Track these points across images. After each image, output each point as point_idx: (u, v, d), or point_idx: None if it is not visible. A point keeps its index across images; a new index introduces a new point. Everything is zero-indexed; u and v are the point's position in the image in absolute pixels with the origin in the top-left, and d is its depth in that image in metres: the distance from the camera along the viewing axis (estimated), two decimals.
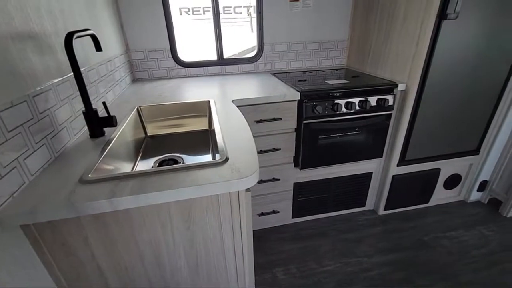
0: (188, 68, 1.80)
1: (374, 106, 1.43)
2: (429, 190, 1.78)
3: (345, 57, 2.00)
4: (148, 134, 1.23)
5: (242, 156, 0.70)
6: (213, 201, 0.65)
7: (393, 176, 1.65)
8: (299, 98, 1.33)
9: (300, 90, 1.34)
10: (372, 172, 1.69)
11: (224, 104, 1.19)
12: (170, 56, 1.74)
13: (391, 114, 1.49)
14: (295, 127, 1.41)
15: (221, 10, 1.80)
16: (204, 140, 1.18)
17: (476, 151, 1.70)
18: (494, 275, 1.36)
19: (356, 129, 1.47)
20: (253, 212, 1.61)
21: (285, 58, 1.92)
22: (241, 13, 3.96)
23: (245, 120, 0.96)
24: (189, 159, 1.05)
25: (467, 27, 1.30)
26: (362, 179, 1.69)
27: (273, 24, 1.80)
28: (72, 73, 0.86)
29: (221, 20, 1.78)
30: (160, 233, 0.66)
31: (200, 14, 3.95)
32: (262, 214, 1.63)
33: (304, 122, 1.37)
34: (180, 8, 4.04)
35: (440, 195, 1.84)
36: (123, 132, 0.95)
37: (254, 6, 1.78)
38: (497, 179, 1.77)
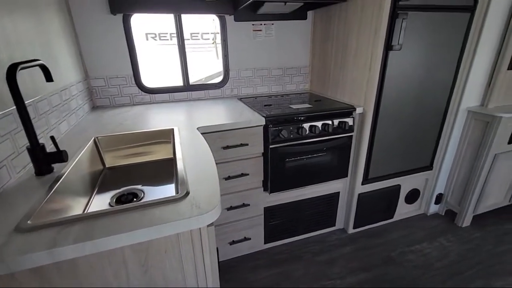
0: (153, 94, 1.77)
1: (336, 128, 1.50)
2: (393, 205, 1.87)
3: (308, 82, 2.11)
4: (107, 166, 1.16)
5: (204, 189, 0.68)
6: (172, 240, 0.61)
7: (359, 194, 1.72)
8: (264, 123, 1.35)
9: (265, 115, 1.37)
10: (339, 192, 1.73)
11: (189, 131, 1.16)
12: (134, 82, 1.70)
13: (352, 135, 1.57)
14: (262, 151, 1.42)
15: (188, 36, 1.82)
16: (168, 169, 1.13)
17: (429, 167, 1.85)
18: (458, 284, 1.42)
19: (321, 151, 1.53)
20: (224, 241, 1.55)
21: (251, 83, 1.98)
22: (208, 39, 4.06)
23: (209, 149, 0.94)
24: (151, 191, 0.99)
25: (410, 56, 1.45)
26: (331, 199, 1.73)
27: (238, 51, 1.85)
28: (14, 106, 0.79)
29: (190, 46, 1.80)
30: (113, 281, 0.60)
31: (167, 39, 3.99)
32: (233, 242, 1.57)
33: (271, 146, 1.39)
34: (146, 34, 4.04)
35: (403, 210, 1.93)
36: (75, 167, 0.88)
37: (215, 33, 1.84)
38: (450, 192, 1.92)
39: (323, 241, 1.76)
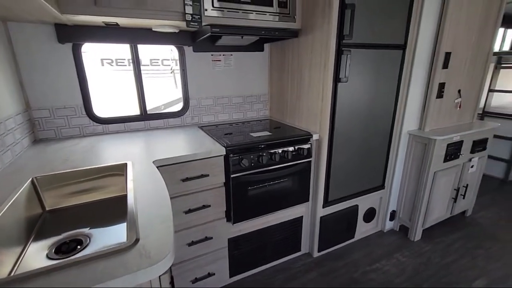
0: (106, 125, 1.67)
1: (295, 155, 1.56)
2: (353, 225, 1.95)
3: (268, 108, 2.19)
4: (47, 209, 1.03)
5: (156, 233, 0.64)
6: None
7: (321, 217, 1.76)
8: (225, 153, 1.34)
9: (225, 145, 1.37)
10: (302, 216, 1.76)
11: (144, 166, 1.11)
12: (84, 112, 1.59)
13: (310, 161, 1.64)
14: (224, 181, 1.40)
15: (148, 62, 1.79)
16: (121, 207, 1.05)
17: (382, 186, 1.99)
18: None
19: (283, 177, 1.56)
20: (185, 279, 1.44)
21: (212, 111, 1.99)
22: (169, 65, 4.04)
23: (164, 186, 0.90)
24: (100, 234, 0.90)
25: (357, 87, 1.61)
26: (295, 224, 1.75)
27: (198, 81, 1.87)
28: None
29: (149, 72, 1.76)
30: None
31: (125, 65, 3.87)
32: (196, 280, 1.47)
33: (232, 176, 1.38)
34: (102, 59, 3.88)
35: (362, 229, 2.02)
36: (5, 214, 0.77)
37: (176, 60, 1.84)
38: (401, 208, 2.07)
39: (289, 268, 1.74)
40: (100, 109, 1.67)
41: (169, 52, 1.95)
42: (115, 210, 1.04)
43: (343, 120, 1.63)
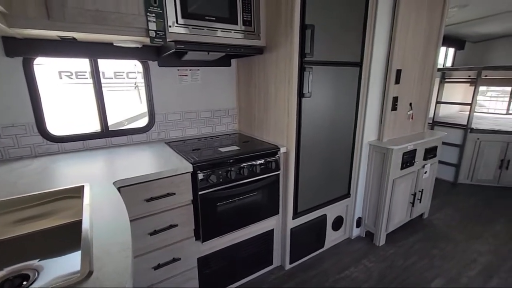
0: (62, 143, 1.55)
1: (263, 168, 1.58)
2: (322, 235, 2.00)
3: (236, 122, 2.21)
4: None
5: (113, 261, 0.60)
6: None
7: (291, 229, 1.79)
8: (192, 170, 1.32)
9: (192, 161, 1.34)
10: (273, 229, 1.77)
11: (103, 188, 1.04)
12: (36, 130, 1.47)
13: (279, 174, 1.67)
14: (192, 198, 1.37)
15: (111, 75, 1.71)
16: (77, 233, 0.97)
17: (348, 195, 2.08)
18: None
19: (252, 191, 1.56)
20: None
21: (180, 126, 1.95)
22: (136, 78, 3.91)
23: (124, 210, 0.85)
24: (52, 266, 0.82)
25: (320, 101, 1.69)
26: (266, 237, 1.75)
27: (164, 96, 1.83)
28: None
29: (113, 85, 1.69)
30: None
31: (86, 78, 3.67)
32: None
33: (200, 193, 1.35)
34: (60, 72, 3.64)
35: (332, 237, 2.08)
36: None
37: (141, 73, 1.79)
38: (366, 215, 2.18)
39: (262, 282, 1.73)
40: (56, 126, 1.56)
41: (133, 66, 1.89)
42: (70, 237, 0.96)
43: (308, 133, 1.69)
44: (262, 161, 1.57)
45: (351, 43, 1.74)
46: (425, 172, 2.27)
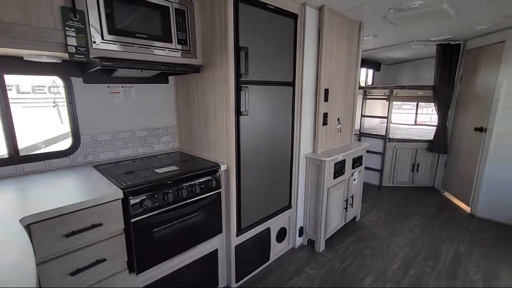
0: None
1: (204, 188, 1.55)
2: (267, 248, 2.04)
3: (177, 140, 2.14)
4: None
5: None
6: None
7: (235, 246, 1.77)
8: (122, 196, 1.22)
9: (123, 186, 1.24)
10: (217, 249, 1.73)
11: (6, 226, 0.88)
12: None
13: (220, 191, 1.66)
14: (123, 227, 1.25)
15: (29, 89, 1.49)
16: None
17: (289, 206, 2.18)
18: None
19: (192, 212, 1.51)
20: None
21: (112, 147, 1.79)
22: (59, 92, 3.47)
23: (31, 254, 0.73)
24: None
25: (258, 118, 1.76)
26: (210, 258, 1.69)
27: (91, 114, 1.67)
28: None
29: (32, 101, 1.46)
30: None
31: None
32: None
33: (133, 220, 1.25)
34: None
35: (276, 249, 2.14)
36: None
37: (61, 86, 1.61)
38: (307, 223, 2.31)
39: None
40: None
41: (52, 82, 1.68)
42: None
43: (248, 149, 1.74)
44: (202, 180, 1.54)
45: (283, 65, 1.88)
46: (354, 179, 2.53)
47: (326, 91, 2.19)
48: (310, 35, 2.02)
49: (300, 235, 2.32)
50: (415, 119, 5.03)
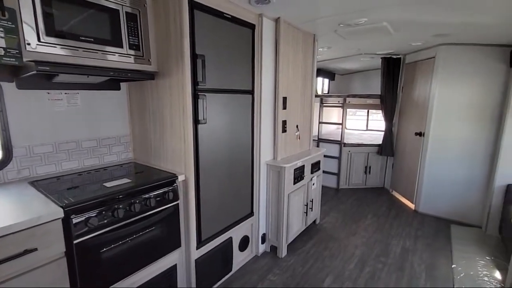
0: None
1: (159, 200, 1.47)
2: (229, 258, 2.00)
3: (131, 151, 2.00)
4: None
5: None
6: None
7: (196, 260, 1.71)
8: (63, 216, 1.09)
9: (63, 204, 1.11)
10: (176, 264, 1.64)
11: None
12: None
13: (178, 203, 1.59)
14: (65, 250, 1.12)
15: None
16: None
17: (251, 213, 2.17)
18: None
19: (147, 227, 1.42)
20: None
21: (53, 159, 1.61)
22: None
23: None
24: None
25: (218, 126, 1.74)
26: (168, 275, 1.60)
27: (26, 124, 1.48)
28: None
29: None
30: None
31: None
32: None
33: (76, 241, 1.13)
34: None
35: (239, 259, 2.11)
36: None
37: None
38: (269, 230, 2.33)
39: None
40: None
41: None
42: None
43: (207, 158, 1.70)
44: (158, 193, 1.46)
45: (242, 73, 1.90)
46: (313, 184, 2.64)
47: (285, 99, 2.26)
48: (268, 45, 2.07)
49: (262, 242, 2.32)
50: (366, 125, 5.45)
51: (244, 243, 2.14)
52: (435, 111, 2.98)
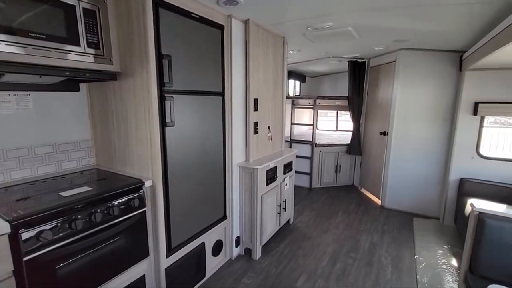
0: None
1: (124, 208, 1.38)
2: (202, 264, 1.95)
3: (93, 156, 1.87)
4: None
5: None
6: None
7: (166, 269, 1.64)
8: (9, 231, 0.98)
9: (10, 218, 1.00)
10: (144, 275, 1.56)
11: None
12: None
13: (145, 210, 1.51)
14: (13, 269, 1.01)
15: None
16: None
17: (224, 217, 2.14)
18: None
19: (110, 238, 1.33)
20: None
21: (0, 168, 1.45)
22: None
23: None
24: None
25: (187, 128, 1.69)
26: (136, 287, 1.51)
27: None
28: None
29: None
30: None
31: None
32: None
33: (26, 258, 1.02)
34: None
35: (212, 264, 2.06)
36: None
37: None
38: (243, 232, 2.31)
39: None
40: None
41: None
42: None
43: (177, 162, 1.64)
44: (122, 200, 1.38)
45: (212, 74, 1.87)
46: (286, 184, 2.67)
47: (256, 100, 2.26)
48: (238, 46, 2.06)
49: (237, 245, 2.30)
50: (336, 126, 5.66)
51: (218, 247, 2.10)
52: (397, 112, 3.18)
